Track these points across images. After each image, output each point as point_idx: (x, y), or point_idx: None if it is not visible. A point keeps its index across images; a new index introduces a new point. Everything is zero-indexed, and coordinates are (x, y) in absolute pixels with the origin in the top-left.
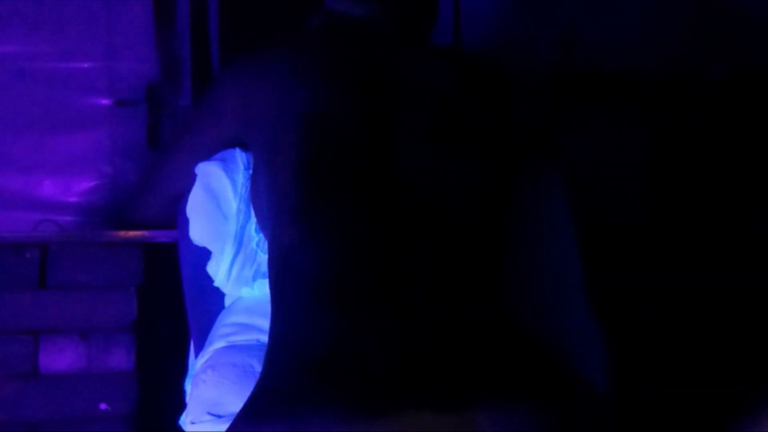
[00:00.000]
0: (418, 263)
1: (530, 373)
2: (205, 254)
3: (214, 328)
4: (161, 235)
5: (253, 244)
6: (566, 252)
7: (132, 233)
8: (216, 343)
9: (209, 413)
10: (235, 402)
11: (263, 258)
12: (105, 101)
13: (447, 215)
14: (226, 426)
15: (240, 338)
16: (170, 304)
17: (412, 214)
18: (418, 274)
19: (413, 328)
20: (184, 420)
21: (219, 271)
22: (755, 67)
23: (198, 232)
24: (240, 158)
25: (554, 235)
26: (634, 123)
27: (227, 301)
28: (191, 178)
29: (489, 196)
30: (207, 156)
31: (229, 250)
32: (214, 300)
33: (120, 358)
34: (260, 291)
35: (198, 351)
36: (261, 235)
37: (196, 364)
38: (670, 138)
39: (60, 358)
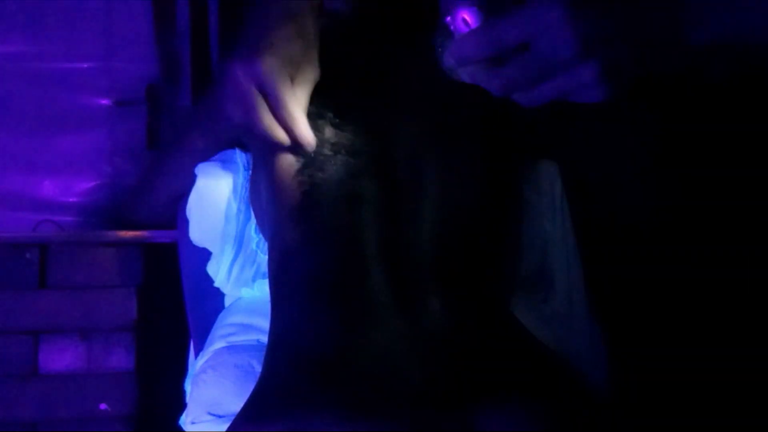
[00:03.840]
0: (419, 263)
1: (530, 374)
2: (205, 255)
3: (214, 328)
4: (161, 235)
5: (253, 245)
6: (567, 253)
7: (132, 233)
8: (216, 343)
9: (209, 413)
10: (235, 402)
11: (263, 259)
12: (105, 101)
13: (447, 216)
14: (226, 426)
15: (240, 338)
16: (170, 304)
17: (413, 215)
18: (419, 274)
19: (413, 328)
20: (184, 420)
21: (219, 271)
22: (756, 66)
23: (198, 233)
24: (240, 159)
25: (555, 237)
26: (634, 122)
27: (227, 302)
28: (191, 179)
29: (489, 196)
30: (206, 156)
31: (229, 251)
32: (214, 300)
33: (120, 358)
34: (260, 291)
35: (198, 351)
36: (261, 235)
37: (196, 364)
38: (671, 137)
39: (60, 358)
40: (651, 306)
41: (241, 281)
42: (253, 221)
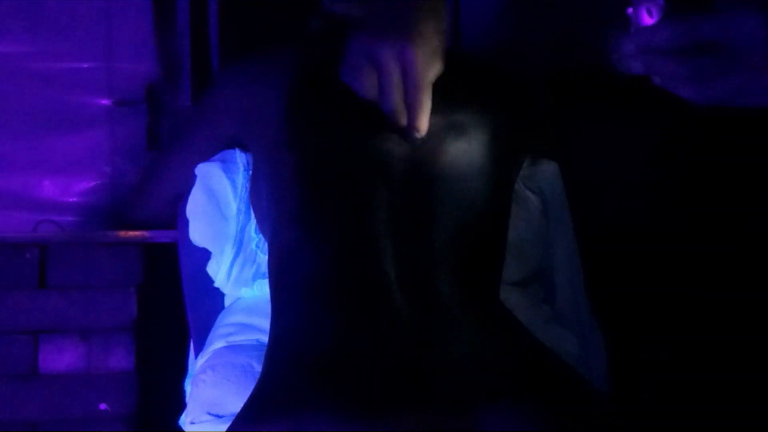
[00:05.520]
0: (418, 264)
1: (530, 374)
2: (205, 255)
3: (214, 328)
4: (161, 235)
5: (253, 245)
6: (567, 253)
7: (132, 233)
8: (216, 343)
9: (209, 413)
10: (235, 402)
11: (263, 259)
12: (105, 101)
13: (448, 216)
14: (226, 426)
15: (240, 338)
16: (170, 304)
17: (413, 215)
18: (418, 274)
19: (414, 328)
20: (184, 420)
21: (219, 271)
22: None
23: (198, 233)
24: (240, 159)
25: (555, 237)
26: (634, 122)
27: (227, 301)
28: (191, 178)
29: (489, 197)
30: (206, 156)
31: (229, 251)
32: (214, 300)
33: (120, 358)
34: (260, 291)
35: (198, 351)
36: (261, 235)
37: (196, 364)
38: (671, 137)
39: (60, 358)
40: (651, 306)
41: (241, 281)
42: (253, 221)
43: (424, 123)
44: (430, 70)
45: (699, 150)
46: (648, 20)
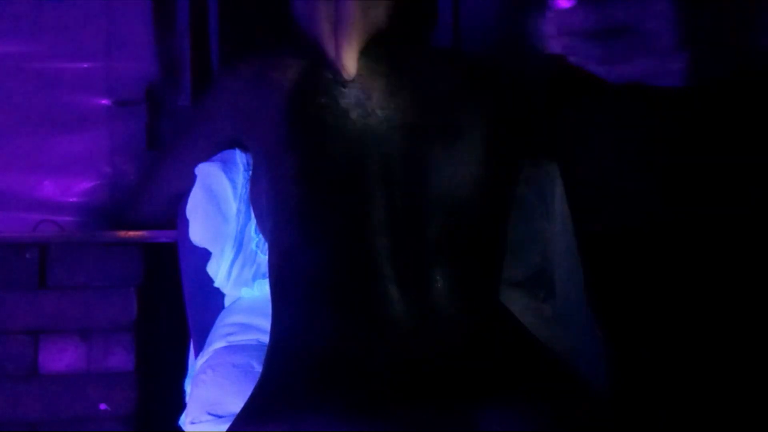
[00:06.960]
0: (418, 264)
1: (530, 373)
2: (205, 255)
3: (214, 328)
4: (161, 235)
5: (253, 245)
6: (567, 253)
7: (132, 233)
8: (216, 343)
9: (209, 413)
10: (235, 402)
11: (263, 259)
12: (105, 101)
13: (447, 216)
14: (226, 426)
15: (240, 338)
16: (170, 304)
17: (411, 215)
18: (417, 274)
19: (413, 328)
20: (184, 420)
21: (219, 271)
22: (755, 67)
23: (198, 233)
24: (240, 159)
25: (555, 237)
26: (632, 122)
27: (227, 302)
28: (191, 179)
29: (488, 197)
30: (206, 156)
31: (229, 251)
32: (214, 300)
33: (120, 358)
34: (260, 291)
35: (198, 351)
36: (261, 235)
37: (196, 364)
38: (669, 137)
39: (60, 358)
40: (651, 306)
41: (241, 281)
42: (253, 221)
43: (348, 61)
44: (363, 10)
45: (699, 150)
46: (564, 3)
